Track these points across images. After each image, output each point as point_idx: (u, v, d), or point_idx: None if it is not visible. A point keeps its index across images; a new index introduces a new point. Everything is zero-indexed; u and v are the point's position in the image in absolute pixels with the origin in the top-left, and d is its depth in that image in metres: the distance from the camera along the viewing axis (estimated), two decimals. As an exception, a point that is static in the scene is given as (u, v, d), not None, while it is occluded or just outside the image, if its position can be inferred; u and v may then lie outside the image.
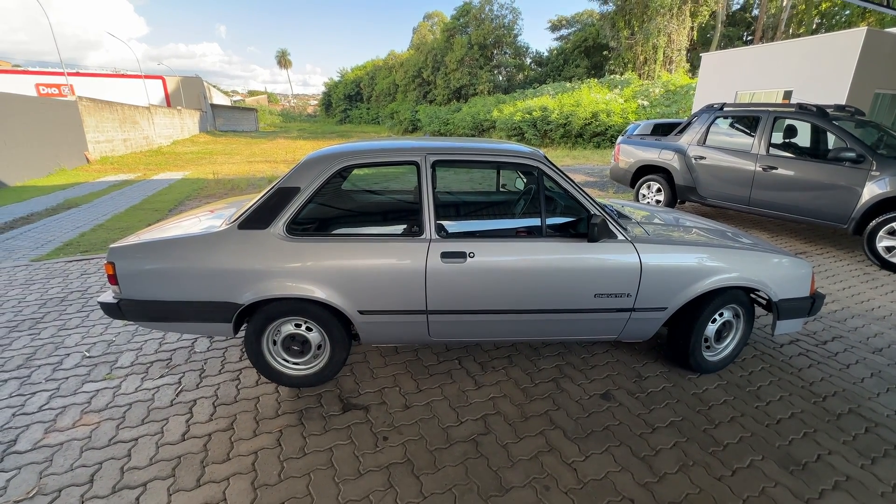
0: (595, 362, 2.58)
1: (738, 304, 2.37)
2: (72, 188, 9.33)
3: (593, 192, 8.49)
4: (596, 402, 2.23)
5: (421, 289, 2.10)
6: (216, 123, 36.78)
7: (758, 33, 26.18)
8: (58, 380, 2.39)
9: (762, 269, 2.28)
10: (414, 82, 37.13)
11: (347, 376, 2.44)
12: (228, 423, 2.06)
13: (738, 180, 5.17)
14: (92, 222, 6.20)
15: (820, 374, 2.48)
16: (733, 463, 1.83)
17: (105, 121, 15.46)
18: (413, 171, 2.16)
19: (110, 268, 2.06)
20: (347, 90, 49.30)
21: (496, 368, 2.51)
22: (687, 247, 2.24)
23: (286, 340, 2.23)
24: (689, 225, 2.72)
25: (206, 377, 2.42)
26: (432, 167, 2.14)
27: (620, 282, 2.17)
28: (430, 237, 2.11)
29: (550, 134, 20.61)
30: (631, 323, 2.29)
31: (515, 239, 2.16)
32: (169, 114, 24.05)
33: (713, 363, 2.44)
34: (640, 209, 3.05)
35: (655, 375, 2.45)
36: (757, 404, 2.21)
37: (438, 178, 2.65)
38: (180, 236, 2.09)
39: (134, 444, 1.93)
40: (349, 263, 2.07)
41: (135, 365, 2.54)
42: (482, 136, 25.75)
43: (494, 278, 2.12)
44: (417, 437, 1.97)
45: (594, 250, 2.14)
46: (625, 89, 22.26)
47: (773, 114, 4.95)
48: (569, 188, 2.18)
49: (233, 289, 2.06)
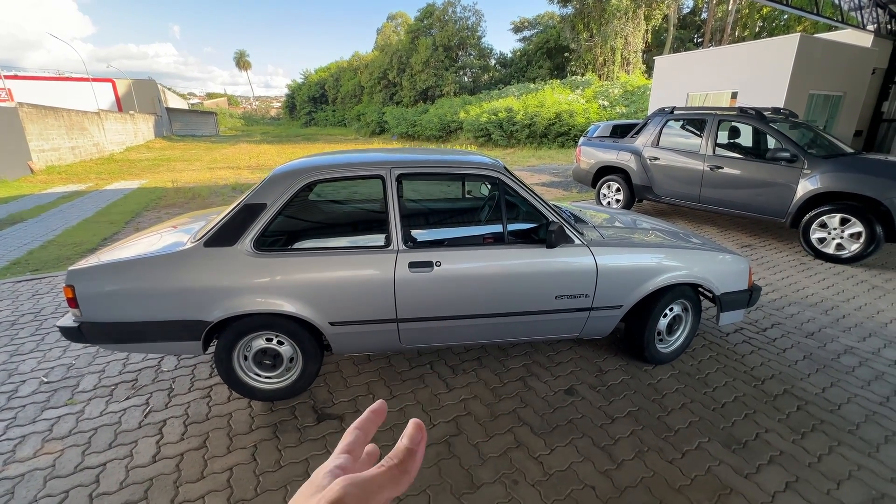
0: (560, 360, 2.72)
1: (686, 299, 2.56)
2: (15, 201, 8.77)
3: (557, 192, 8.78)
4: (561, 397, 2.36)
5: (390, 298, 2.17)
6: (173, 128, 35.26)
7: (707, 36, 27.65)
8: (14, 408, 2.31)
9: (705, 266, 2.48)
10: (380, 84, 36.88)
11: (321, 387, 2.47)
12: (201, 442, 2.05)
13: (689, 179, 5.50)
14: (41, 238, 5.87)
15: (760, 359, 2.72)
16: (683, 446, 2.00)
17: (50, 128, 14.56)
18: (379, 183, 2.22)
19: (70, 291, 2.01)
20: (311, 92, 48.35)
21: (466, 371, 2.61)
22: (638, 248, 2.41)
23: (258, 355, 2.25)
24: (644, 227, 2.91)
25: (175, 396, 2.40)
26: (397, 180, 2.21)
27: (578, 283, 2.31)
28: (398, 248, 2.18)
29: (516, 134, 21.02)
30: (590, 321, 2.44)
31: (480, 247, 2.26)
32: (121, 119, 22.89)
33: (666, 354, 2.62)
34: (600, 212, 3.23)
35: (615, 369, 2.61)
36: (705, 391, 2.40)
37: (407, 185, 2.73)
38: (144, 256, 2.07)
39: (102, 469, 1.90)
40: (318, 277, 2.11)
41: (98, 388, 2.48)
42: (450, 136, 25.92)
43: (461, 285, 2.21)
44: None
45: (553, 255, 2.27)
46: (586, 90, 22.97)
47: (717, 117, 5.30)
48: (528, 197, 2.30)
49: (201, 307, 2.06)
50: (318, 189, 2.33)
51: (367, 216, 2.23)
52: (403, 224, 2.21)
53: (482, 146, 22.17)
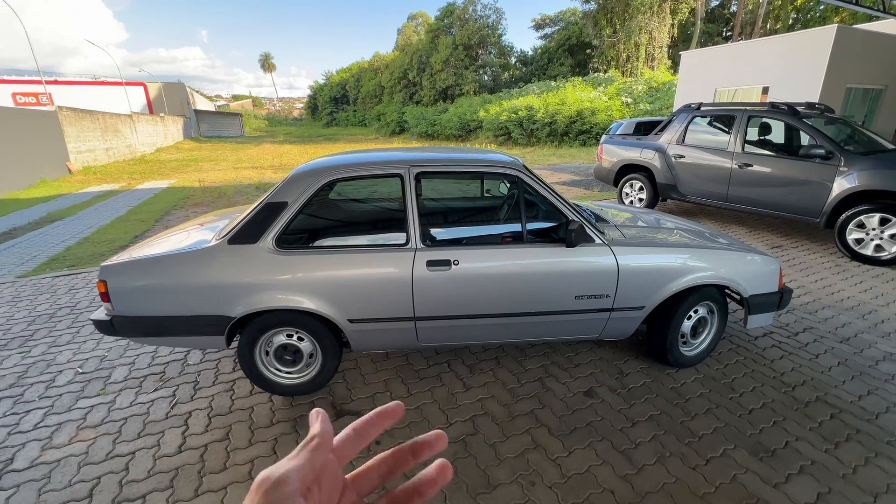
0: (579, 361, 2.68)
1: (712, 301, 2.48)
2: (54, 200, 9.21)
3: (578, 191, 8.64)
4: (580, 399, 2.32)
5: (408, 297, 2.18)
6: (200, 129, 36.38)
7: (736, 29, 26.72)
8: (51, 397, 2.42)
9: (733, 267, 2.39)
10: (400, 84, 37.12)
11: (340, 383, 2.50)
12: (224, 434, 2.11)
13: (716, 178, 5.33)
14: (77, 235, 6.15)
15: (790, 364, 2.61)
16: (707, 452, 1.94)
17: (86, 130, 15.24)
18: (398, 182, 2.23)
19: (102, 286, 2.10)
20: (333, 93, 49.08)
21: (484, 370, 2.59)
22: (661, 248, 2.35)
23: (278, 350, 2.29)
24: (668, 226, 2.83)
25: (200, 389, 2.47)
26: (416, 179, 2.22)
27: (599, 283, 2.27)
28: (416, 246, 2.19)
29: (536, 133, 20.81)
30: (611, 322, 2.39)
31: (498, 246, 2.25)
32: (152, 121, 23.75)
33: (690, 358, 2.55)
34: (623, 211, 3.16)
35: (636, 371, 2.55)
36: (731, 396, 2.32)
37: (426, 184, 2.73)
38: (171, 253, 2.14)
39: (131, 457, 1.97)
40: (338, 274, 2.14)
41: (128, 379, 2.58)
42: (469, 135, 25.87)
43: (479, 284, 2.20)
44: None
45: (573, 254, 2.23)
46: (608, 87, 22.56)
47: (747, 113, 5.11)
48: (548, 196, 2.27)
49: (224, 302, 2.11)
50: (338, 188, 2.36)
51: (386, 214, 2.25)
52: (422, 222, 2.21)
53: (502, 145, 22.04)
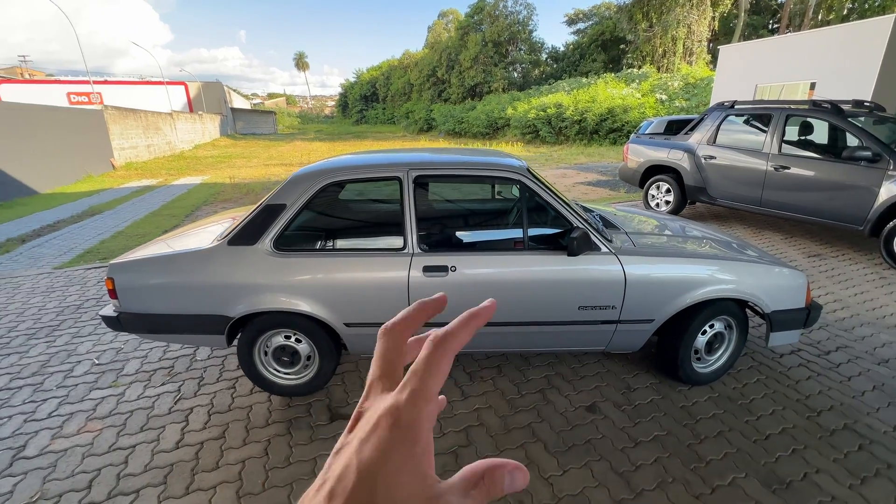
0: (584, 373, 2.57)
1: (730, 316, 2.32)
2: (97, 195, 9.74)
3: (604, 191, 8.38)
4: (581, 414, 2.22)
5: (405, 302, 2.14)
6: (236, 127, 37.70)
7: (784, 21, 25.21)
8: (67, 387, 2.53)
9: (753, 280, 2.23)
10: (428, 81, 37.18)
11: (338, 385, 2.50)
12: (220, 432, 2.14)
13: (749, 180, 5.02)
14: (112, 229, 6.47)
15: (818, 386, 2.41)
16: (714, 480, 1.81)
17: (129, 128, 16.05)
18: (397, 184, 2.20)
19: (110, 283, 2.17)
20: (363, 91, 49.74)
21: (484, 379, 2.53)
22: (674, 258, 2.21)
23: (277, 351, 2.31)
24: (693, 234, 2.66)
25: (204, 385, 2.53)
26: (414, 182, 2.18)
27: (604, 294, 2.16)
28: (413, 251, 2.15)
29: (565, 131, 20.38)
30: (617, 335, 2.27)
31: (497, 252, 2.17)
32: (191, 119, 24.77)
33: (704, 375, 2.40)
34: (648, 217, 3.01)
35: (645, 387, 2.42)
36: (747, 418, 2.16)
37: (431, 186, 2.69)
38: (174, 253, 2.19)
39: (131, 451, 2.03)
40: (334, 278, 2.13)
41: (139, 372, 2.66)
42: (497, 133, 25.61)
43: (476, 292, 2.14)
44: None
45: (576, 263, 2.13)
46: (642, 83, 21.79)
47: (785, 111, 4.78)
48: (551, 201, 2.18)
49: (224, 302, 2.14)
50: (340, 190, 2.35)
51: (384, 218, 2.22)
52: (420, 227, 2.17)
53: (529, 143, 21.70)
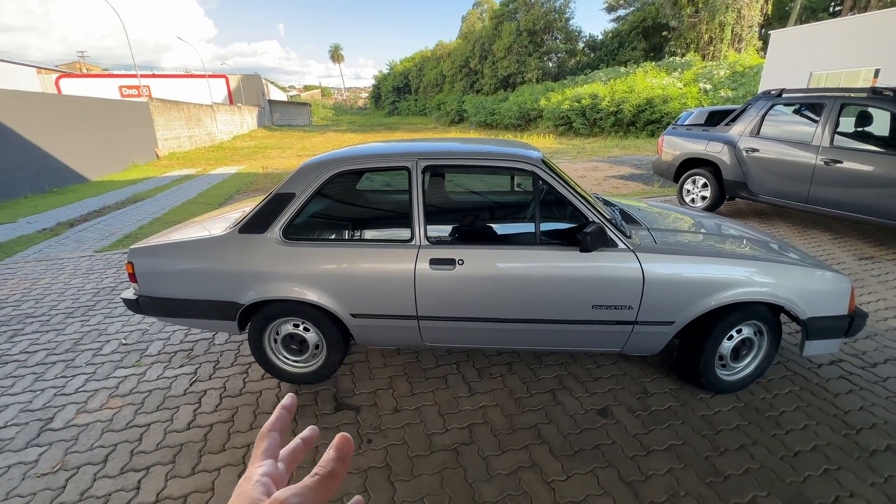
0: (599, 374, 2.46)
1: (761, 321, 2.15)
2: (141, 183, 10.27)
3: (636, 186, 8.04)
4: (591, 417, 2.13)
5: (411, 295, 2.11)
6: (273, 118, 38.80)
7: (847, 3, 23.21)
8: (95, 364, 2.67)
9: (789, 283, 2.04)
10: (461, 72, 36.86)
11: (346, 375, 2.51)
12: (230, 416, 2.19)
13: (796, 175, 4.66)
14: (151, 216, 6.79)
15: (860, 401, 2.20)
16: (731, 497, 1.68)
17: (173, 119, 16.80)
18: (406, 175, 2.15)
19: (130, 266, 2.25)
20: (396, 82, 49.93)
21: (493, 375, 2.47)
22: (697, 257, 2.05)
23: (286, 339, 2.33)
24: (723, 233, 2.47)
25: (219, 369, 2.60)
26: (423, 172, 2.12)
27: (620, 293, 2.04)
28: (420, 243, 2.10)
29: (600, 122, 19.72)
30: (634, 336, 2.15)
31: (507, 246, 2.09)
32: (230, 111, 25.67)
33: (729, 383, 2.24)
34: (676, 212, 2.83)
35: (663, 392, 2.29)
36: (774, 432, 2.00)
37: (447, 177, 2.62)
38: (189, 239, 2.24)
39: (146, 429, 2.11)
40: (341, 268, 2.12)
41: (161, 354, 2.77)
42: (529, 125, 25.11)
43: (484, 286, 2.07)
44: (401, 441, 1.99)
45: (591, 259, 2.03)
46: (685, 72, 20.73)
47: (840, 100, 4.39)
48: (566, 194, 2.07)
49: (235, 289, 2.18)
50: (349, 180, 2.32)
51: (392, 209, 2.19)
52: (428, 218, 2.12)
53: (562, 135, 21.15)
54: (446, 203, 2.30)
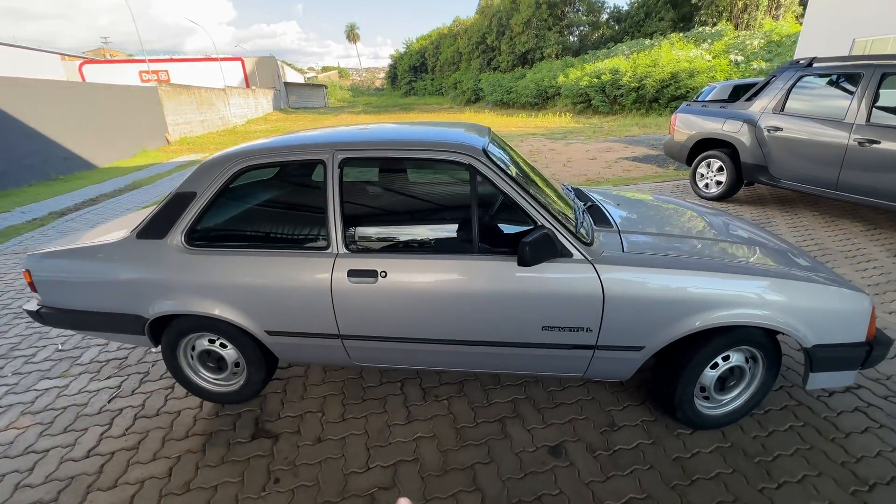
0: (562, 399, 2.12)
1: (755, 346, 1.75)
2: (145, 169, 10.26)
3: (649, 168, 7.45)
4: (541, 456, 1.80)
5: (329, 311, 1.80)
6: (289, 101, 38.66)
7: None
8: (22, 374, 2.49)
9: (788, 302, 1.63)
10: (478, 49, 35.61)
11: (277, 393, 2.25)
12: (137, 441, 1.96)
13: (824, 157, 4.07)
14: (142, 203, 6.69)
15: (877, 444, 1.79)
16: (694, 578, 1.34)
17: (183, 104, 16.77)
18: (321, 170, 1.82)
19: (27, 275, 2.02)
20: (412, 61, 48.80)
21: (440, 398, 2.16)
22: (670, 270, 1.66)
23: (202, 355, 2.08)
24: (740, 235, 2.05)
25: (145, 382, 2.38)
26: (340, 166, 1.79)
27: (575, 313, 1.68)
28: (337, 251, 1.78)
29: (621, 100, 18.68)
30: (596, 362, 1.80)
31: (439, 255, 1.75)
32: (244, 94, 25.58)
33: (713, 418, 1.86)
34: (685, 209, 2.41)
35: (634, 426, 1.94)
36: (763, 486, 1.63)
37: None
38: (84, 245, 1.98)
39: (44, 456, 1.91)
40: (251, 279, 1.83)
41: (92, 363, 2.58)
42: (546, 103, 24.09)
43: (411, 303, 1.75)
44: (312, 482, 1.72)
45: (537, 272, 1.66)
46: (714, 43, 19.31)
47: (880, 69, 3.76)
48: (510, 191, 1.70)
49: (137, 301, 1.92)
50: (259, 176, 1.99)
51: (308, 211, 1.87)
52: (348, 222, 1.79)
53: (580, 114, 20.18)
54: (372, 203, 1.96)
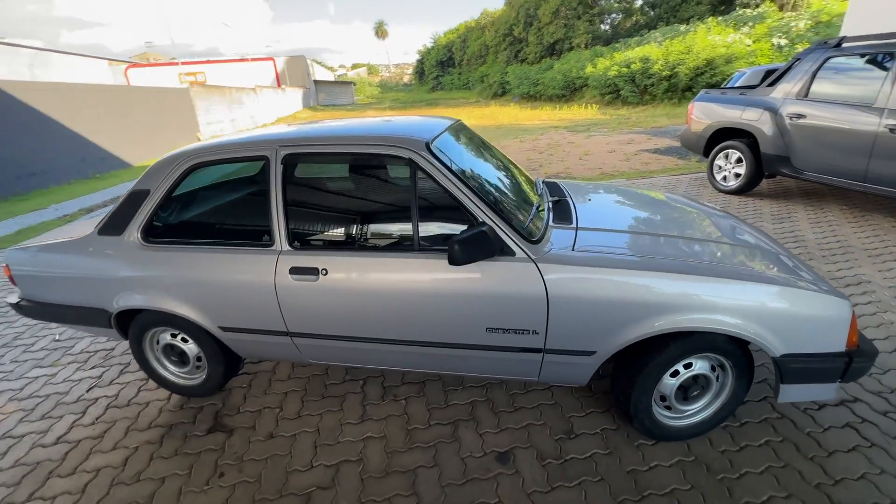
0: (523, 403, 2.03)
1: (722, 354, 1.61)
2: (173, 167, 10.71)
3: (669, 160, 7.09)
4: (487, 463, 1.73)
5: (275, 308, 1.80)
6: (318, 98, 39.44)
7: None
8: (19, 362, 2.65)
9: (754, 308, 1.48)
10: (505, 41, 34.98)
11: (242, 388, 2.27)
12: (103, 430, 2.04)
13: (851, 146, 3.72)
14: (162, 201, 6.98)
15: (864, 465, 1.61)
16: None
17: (214, 103, 17.41)
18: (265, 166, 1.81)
19: (7, 270, 2.13)
20: (439, 56, 48.59)
21: (398, 398, 2.12)
22: (623, 270, 1.54)
23: (166, 349, 2.13)
24: (746, 241, 1.87)
25: (125, 373, 2.47)
26: (283, 162, 1.77)
27: (519, 315, 1.60)
28: (281, 248, 1.77)
29: (651, 89, 17.88)
30: (548, 366, 1.70)
31: (379, 253, 1.70)
32: (273, 92, 26.33)
33: (675, 429, 1.73)
34: (691, 208, 2.23)
35: (592, 434, 1.83)
36: (721, 505, 1.50)
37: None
38: (54, 242, 2.07)
39: (18, 441, 2.01)
40: (203, 275, 1.85)
41: (82, 353, 2.70)
42: (574, 95, 23.44)
43: (351, 301, 1.71)
44: (254, 478, 1.73)
45: (477, 271, 1.59)
46: (756, 26, 18.10)
47: (916, 47, 3.38)
48: (452, 188, 1.62)
49: (101, 296, 1.98)
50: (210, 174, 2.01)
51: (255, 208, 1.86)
52: (290, 218, 1.77)
53: (608, 105, 19.49)
54: (315, 200, 1.94)
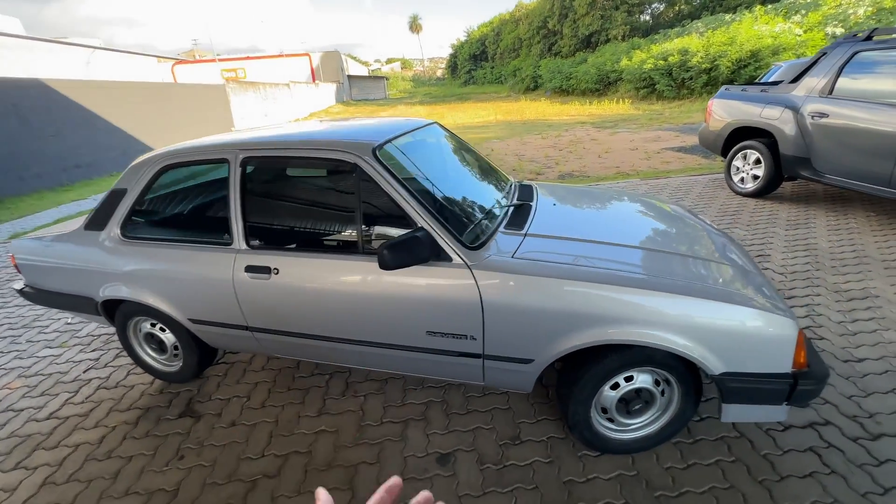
0: (476, 406, 2.04)
1: (667, 369, 1.56)
2: (206, 161, 11.24)
3: (693, 159, 6.80)
4: (427, 464, 1.76)
5: (235, 304, 1.89)
6: (351, 93, 40.16)
7: None
8: (34, 342, 2.90)
9: (693, 323, 1.43)
10: (538, 34, 34.29)
11: (218, 376, 2.40)
12: (89, 409, 2.21)
13: (876, 148, 3.45)
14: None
15: (816, 493, 1.52)
16: None
17: (249, 99, 18.09)
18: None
19: (13, 258, 2.34)
20: (472, 50, 48.24)
21: (358, 394, 2.18)
22: (557, 279, 1.51)
23: (147, 337, 2.29)
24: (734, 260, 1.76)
25: (119, 357, 2.66)
26: (242, 165, 1.85)
27: (456, 320, 1.61)
28: (239, 247, 1.86)
29: (689, 83, 17.05)
30: (490, 372, 1.71)
31: (326, 255, 1.76)
32: (307, 88, 27.00)
33: (619, 442, 1.69)
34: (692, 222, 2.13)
35: (538, 441, 1.82)
36: (650, 523, 1.46)
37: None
38: (50, 234, 2.26)
39: (17, 415, 2.22)
40: (172, 270, 1.97)
41: (88, 336, 2.93)
42: (608, 89, 22.71)
43: (300, 300, 1.78)
44: (210, 463, 1.83)
45: (413, 276, 1.61)
46: (808, 15, 16.86)
47: (952, 40, 3.07)
48: (393, 193, 1.64)
49: (88, 285, 2.15)
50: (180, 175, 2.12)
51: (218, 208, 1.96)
52: (248, 219, 1.86)
53: (643, 99, 18.75)
54: (271, 202, 2.00)
